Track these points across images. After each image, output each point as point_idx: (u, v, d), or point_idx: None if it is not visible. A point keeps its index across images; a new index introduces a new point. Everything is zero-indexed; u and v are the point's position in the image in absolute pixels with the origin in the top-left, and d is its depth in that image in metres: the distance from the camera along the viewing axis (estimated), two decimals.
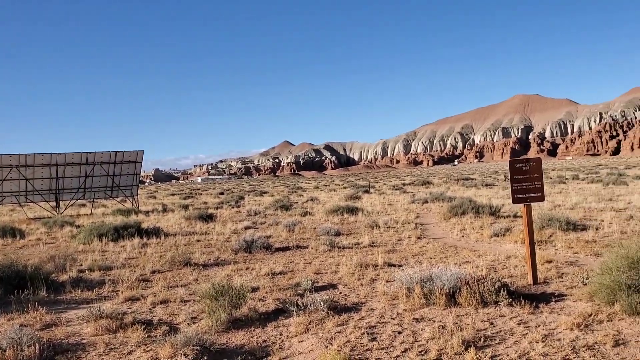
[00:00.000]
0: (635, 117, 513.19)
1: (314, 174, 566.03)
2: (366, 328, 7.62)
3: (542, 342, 6.63)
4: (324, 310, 8.35)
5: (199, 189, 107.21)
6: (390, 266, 12.15)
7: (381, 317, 8.11)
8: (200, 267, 13.31)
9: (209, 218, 26.23)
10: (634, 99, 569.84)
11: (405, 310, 8.38)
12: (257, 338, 7.51)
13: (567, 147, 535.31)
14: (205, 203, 45.03)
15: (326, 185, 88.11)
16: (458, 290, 8.49)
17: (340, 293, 9.88)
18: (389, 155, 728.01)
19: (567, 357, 6.14)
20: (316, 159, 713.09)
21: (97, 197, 42.54)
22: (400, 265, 11.85)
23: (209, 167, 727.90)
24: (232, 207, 36.58)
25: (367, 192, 50.86)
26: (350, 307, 8.80)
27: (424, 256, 13.43)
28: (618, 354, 6.14)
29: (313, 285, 10.33)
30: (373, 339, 7.14)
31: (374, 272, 11.52)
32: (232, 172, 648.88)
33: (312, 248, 15.61)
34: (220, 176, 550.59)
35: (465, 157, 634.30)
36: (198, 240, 18.66)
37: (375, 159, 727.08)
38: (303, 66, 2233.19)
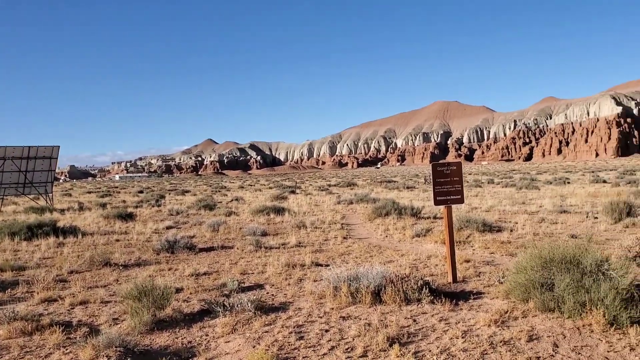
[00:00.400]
0: (547, 125, 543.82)
1: (238, 173, 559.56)
2: (294, 327, 7.66)
3: (462, 337, 6.92)
4: (251, 311, 8.31)
5: (117, 187, 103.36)
6: (317, 266, 12.27)
7: (309, 316, 8.17)
8: (121, 268, 12.86)
9: (128, 217, 25.38)
10: (545, 107, 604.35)
11: (333, 308, 8.49)
12: (182, 339, 7.36)
13: (483, 153, 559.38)
14: (124, 202, 43.48)
15: (251, 185, 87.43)
16: (383, 289, 8.71)
17: (268, 293, 9.86)
18: (314, 156, 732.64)
19: (485, 352, 6.44)
20: (241, 158, 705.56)
21: (7, 194, 39.99)
22: (327, 265, 11.98)
23: (128, 165, 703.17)
24: (153, 206, 35.54)
25: (293, 192, 50.97)
26: (278, 307, 8.80)
27: (350, 256, 13.65)
28: (532, 348, 6.52)
29: (239, 286, 10.25)
30: (301, 338, 7.19)
31: (301, 272, 11.58)
32: (152, 170, 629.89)
33: (237, 248, 15.47)
34: (140, 174, 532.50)
35: (388, 160, 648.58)
36: (117, 240, 18.01)
37: (302, 160, 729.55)
38: (228, 66, 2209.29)
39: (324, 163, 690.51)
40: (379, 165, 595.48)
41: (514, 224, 18.79)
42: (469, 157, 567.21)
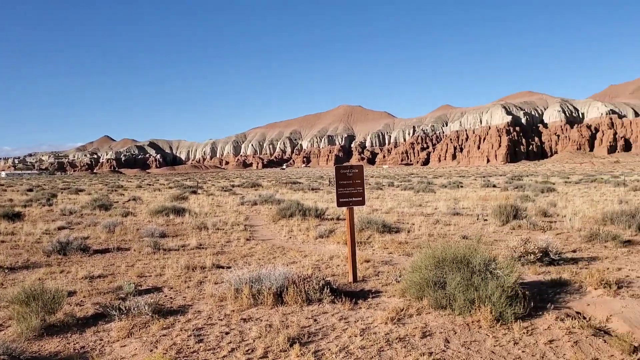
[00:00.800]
0: (443, 132, 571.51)
1: (136, 172, 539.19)
2: (193, 330, 7.52)
3: (360, 336, 7.13)
4: (148, 314, 8.06)
5: (2, 185, 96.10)
6: (218, 268, 12.10)
7: (209, 319, 8.05)
8: (7, 271, 12.00)
9: (15, 217, 23.70)
10: (442, 115, 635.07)
11: (234, 311, 8.42)
12: (74, 344, 7.01)
13: (384, 157, 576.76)
14: (11, 200, 40.50)
15: (150, 185, 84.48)
16: (285, 290, 8.77)
17: (166, 296, 9.60)
18: (218, 156, 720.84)
19: (382, 349, 6.68)
20: (139, 157, 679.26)
21: None
22: (229, 267, 11.86)
23: (16, 161, 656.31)
24: (44, 206, 33.42)
25: (194, 192, 49.87)
26: (177, 310, 8.59)
27: (253, 257, 13.60)
28: (425, 344, 6.84)
29: (136, 289, 9.91)
30: (200, 341, 7.08)
31: (201, 275, 11.37)
32: (44, 168, 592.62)
33: (134, 250, 14.92)
34: (29, 171, 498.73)
35: (294, 161, 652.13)
36: (3, 241, 16.78)
37: (204, 159, 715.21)
38: (127, 61, 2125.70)
39: (227, 163, 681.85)
40: (284, 167, 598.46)
41: (411, 225, 19.57)
42: (371, 161, 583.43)
